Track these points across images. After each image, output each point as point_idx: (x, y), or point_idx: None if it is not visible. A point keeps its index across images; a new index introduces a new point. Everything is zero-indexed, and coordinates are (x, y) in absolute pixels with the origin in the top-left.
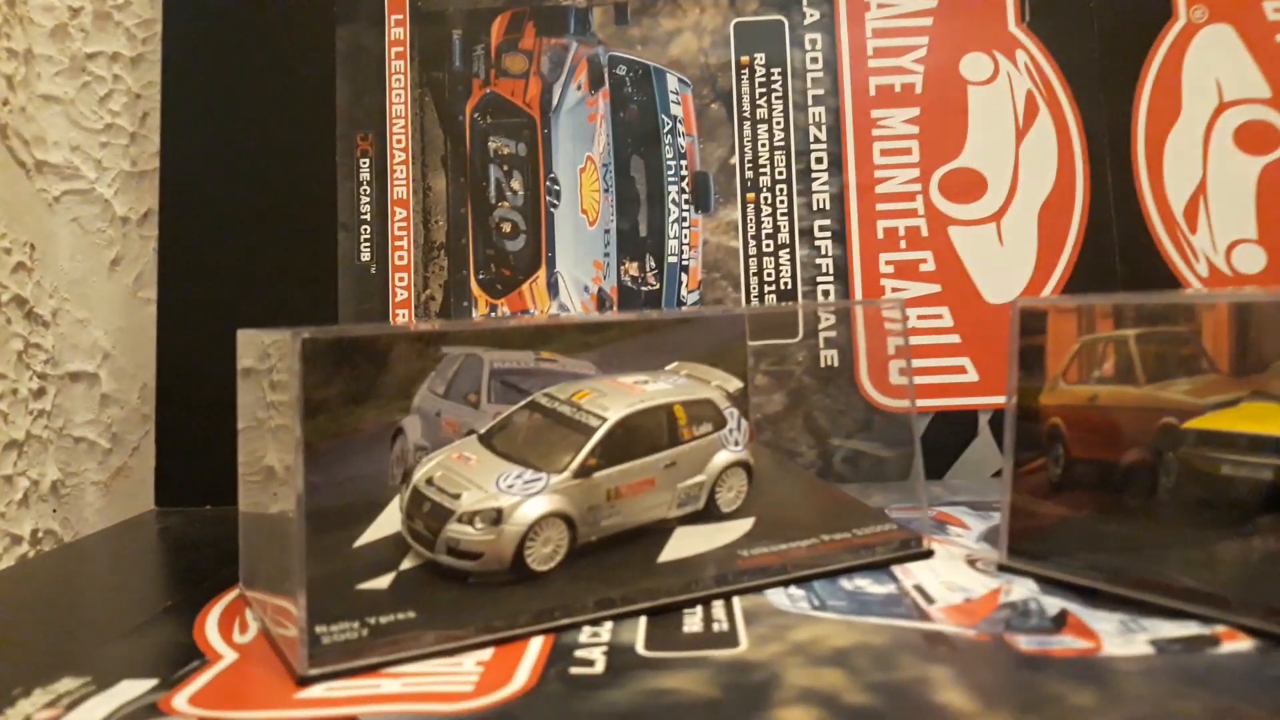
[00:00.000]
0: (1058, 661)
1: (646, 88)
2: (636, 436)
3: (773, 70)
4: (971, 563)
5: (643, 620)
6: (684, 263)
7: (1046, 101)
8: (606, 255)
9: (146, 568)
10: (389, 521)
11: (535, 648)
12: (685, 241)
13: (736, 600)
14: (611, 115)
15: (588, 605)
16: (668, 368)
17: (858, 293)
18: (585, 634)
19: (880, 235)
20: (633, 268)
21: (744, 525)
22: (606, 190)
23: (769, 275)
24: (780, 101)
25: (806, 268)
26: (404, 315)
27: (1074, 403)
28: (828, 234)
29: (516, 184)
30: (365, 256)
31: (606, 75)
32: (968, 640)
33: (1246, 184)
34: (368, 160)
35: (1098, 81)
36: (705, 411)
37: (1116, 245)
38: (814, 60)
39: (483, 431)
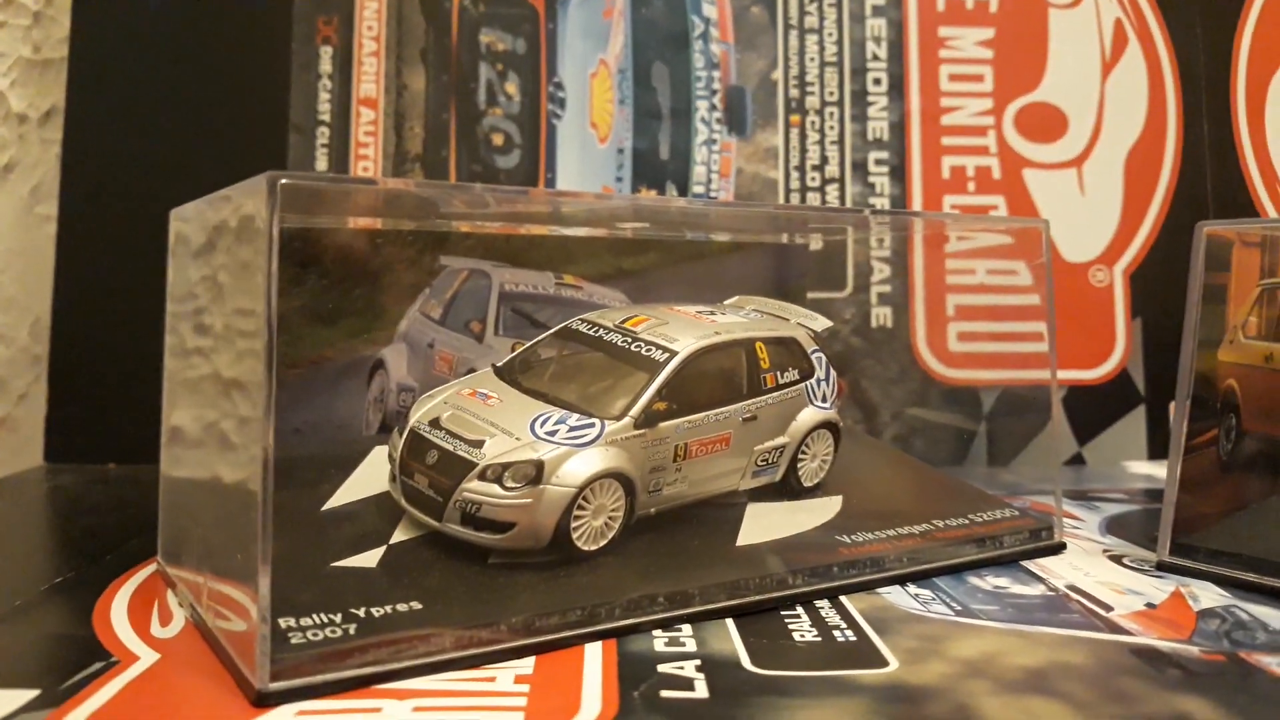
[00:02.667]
0: None
1: None
2: (712, 379)
3: None
4: (1116, 559)
5: (729, 624)
6: (712, 193)
7: (1137, 32)
8: (619, 180)
9: (30, 535)
10: (366, 480)
11: (593, 658)
12: (715, 169)
13: (846, 601)
14: (632, 11)
15: (659, 600)
16: (727, 302)
17: (917, 240)
18: (660, 640)
19: (946, 174)
20: (650, 196)
21: (831, 505)
22: (622, 101)
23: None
24: (834, 9)
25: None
26: None
27: (1250, 363)
28: (884, 169)
29: (512, 87)
30: (321, 165)
31: None
32: (1200, 660)
33: None
34: (330, 49)
35: (1196, 11)
36: (791, 355)
37: (1210, 202)
38: None
39: (500, 364)
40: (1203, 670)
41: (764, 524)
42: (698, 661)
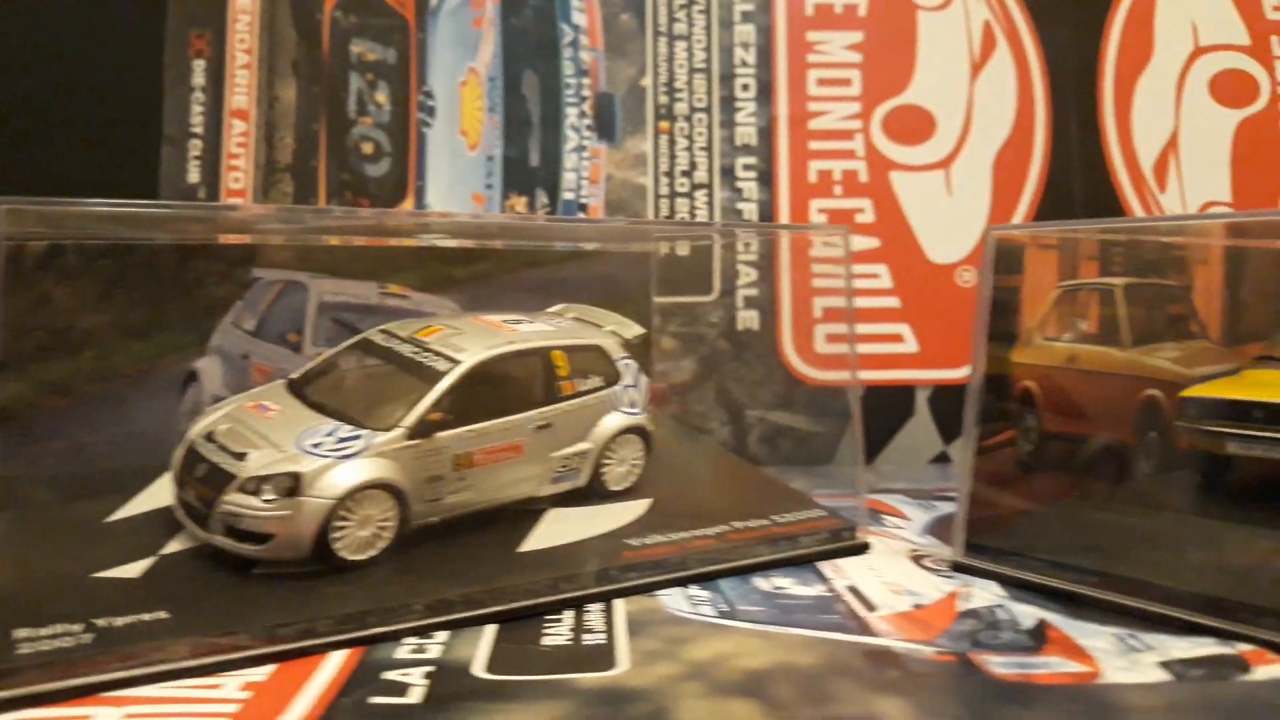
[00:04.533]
0: (1047, 691)
1: None
2: (500, 388)
3: None
4: (917, 559)
5: (490, 630)
6: (582, 200)
7: (1006, 33)
8: (489, 187)
9: None
10: (161, 492)
11: (334, 665)
12: (585, 175)
13: (620, 604)
14: (502, 20)
15: (415, 608)
16: (551, 309)
17: (783, 245)
18: (407, 648)
19: (813, 178)
20: (520, 203)
21: (637, 508)
22: (492, 109)
23: (682, 219)
24: (703, 16)
25: (726, 213)
26: None
27: (1050, 364)
28: (752, 174)
29: (382, 97)
30: (193, 178)
31: None
32: (925, 661)
33: (1222, 139)
34: (203, 62)
35: (1064, 12)
36: (594, 362)
37: (1079, 203)
38: None
39: (294, 376)
40: (923, 671)
41: (558, 529)
42: (430, 668)
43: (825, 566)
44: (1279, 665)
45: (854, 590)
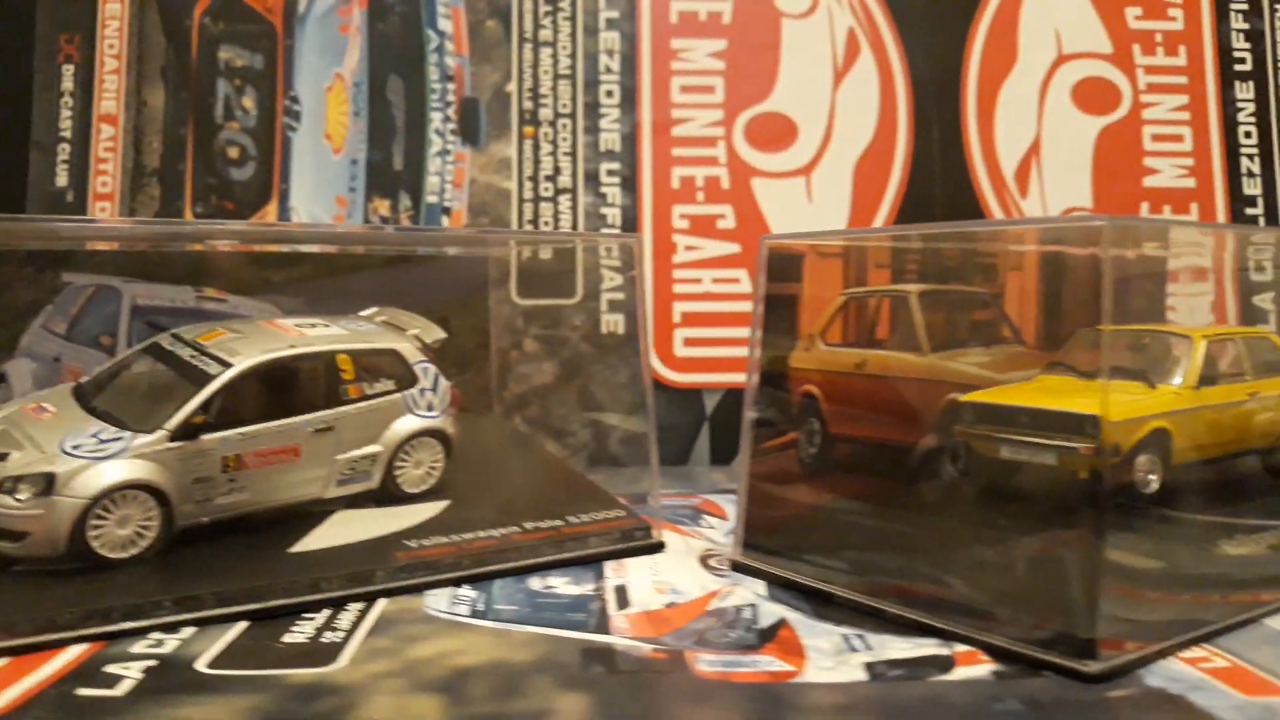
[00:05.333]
0: (737, 689)
1: None
2: (277, 391)
3: None
4: (705, 559)
5: (240, 627)
6: (445, 204)
7: (870, 40)
8: (352, 190)
9: None
10: None
11: (64, 659)
12: (448, 179)
13: (382, 604)
14: (368, 27)
15: (164, 605)
16: (365, 312)
17: (647, 250)
18: (146, 643)
19: (676, 185)
20: (383, 206)
21: (431, 510)
22: (356, 114)
23: (546, 223)
24: (568, 23)
25: (590, 218)
26: None
27: (836, 369)
28: (616, 179)
29: (249, 102)
30: (61, 181)
31: None
32: (638, 658)
33: (1083, 146)
34: (72, 67)
35: (928, 19)
36: (385, 365)
37: (939, 208)
38: None
39: (84, 380)
40: (628, 668)
41: (339, 531)
42: (153, 663)
43: (612, 565)
44: (983, 666)
45: (620, 589)
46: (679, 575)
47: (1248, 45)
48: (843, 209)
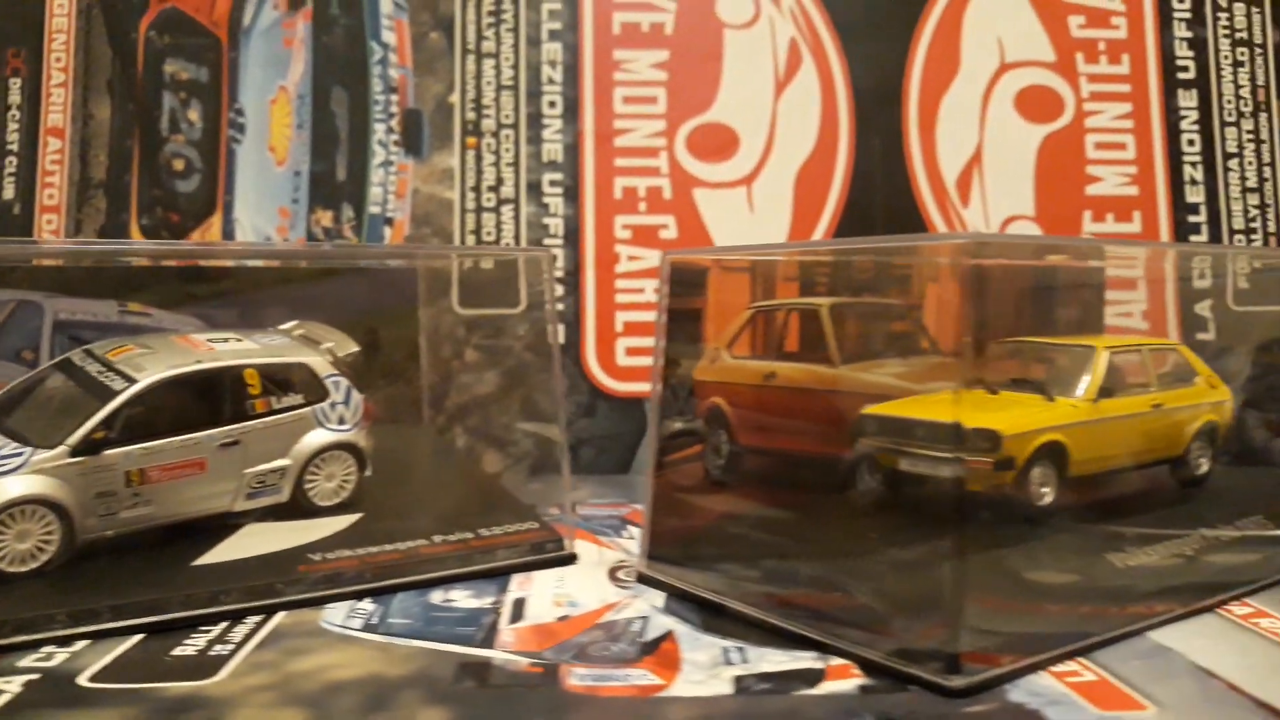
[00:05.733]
0: (600, 704)
1: (355, 9)
2: (182, 406)
3: None
4: (615, 571)
5: (135, 640)
6: (388, 215)
7: (812, 50)
8: (295, 202)
9: None
10: None
11: None
12: (391, 190)
13: (281, 616)
14: (313, 40)
15: (58, 619)
16: (285, 326)
17: (589, 260)
18: (36, 656)
19: (618, 194)
20: (326, 217)
21: (343, 523)
22: (300, 126)
23: (489, 233)
24: (511, 34)
25: (533, 227)
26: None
27: (743, 381)
28: (559, 190)
29: (194, 114)
30: (8, 194)
31: None
32: (512, 673)
33: (1026, 154)
34: (19, 80)
35: (869, 29)
36: (295, 379)
37: (880, 217)
38: None
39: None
40: (499, 683)
41: (252, 543)
42: (36, 676)
43: (520, 578)
44: (853, 680)
45: (518, 603)
46: (583, 588)
47: (1191, 53)
48: (784, 219)
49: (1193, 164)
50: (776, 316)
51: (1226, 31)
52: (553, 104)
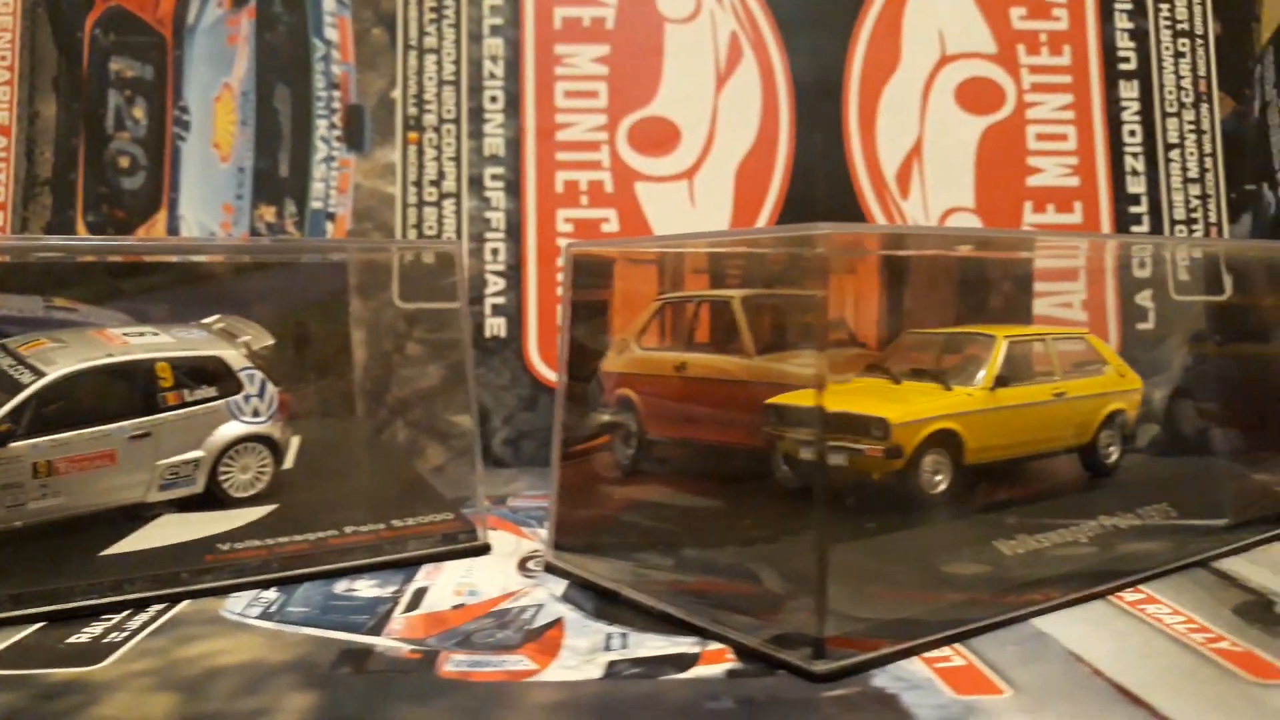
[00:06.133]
0: (467, 688)
1: (298, 7)
2: (93, 399)
3: None
4: (525, 561)
5: (35, 628)
6: (330, 210)
7: (752, 44)
8: (239, 198)
9: None
10: None
11: None
12: (333, 185)
13: (184, 605)
14: (256, 37)
15: None
16: (207, 319)
17: (530, 254)
18: None
19: (560, 189)
20: (269, 213)
21: (258, 514)
22: (244, 122)
23: (430, 228)
24: (453, 30)
25: (474, 221)
26: None
27: (653, 372)
28: (500, 184)
29: (139, 112)
30: None
31: None
32: (391, 659)
33: (966, 147)
34: None
35: (810, 23)
36: (207, 372)
37: (820, 210)
38: None
39: None
40: (376, 668)
41: (159, 533)
42: None
43: (430, 568)
44: (725, 665)
45: (420, 592)
46: (488, 578)
47: (1132, 44)
48: (725, 211)
49: (1134, 155)
50: (686, 308)
51: (1168, 23)
52: (494, 99)
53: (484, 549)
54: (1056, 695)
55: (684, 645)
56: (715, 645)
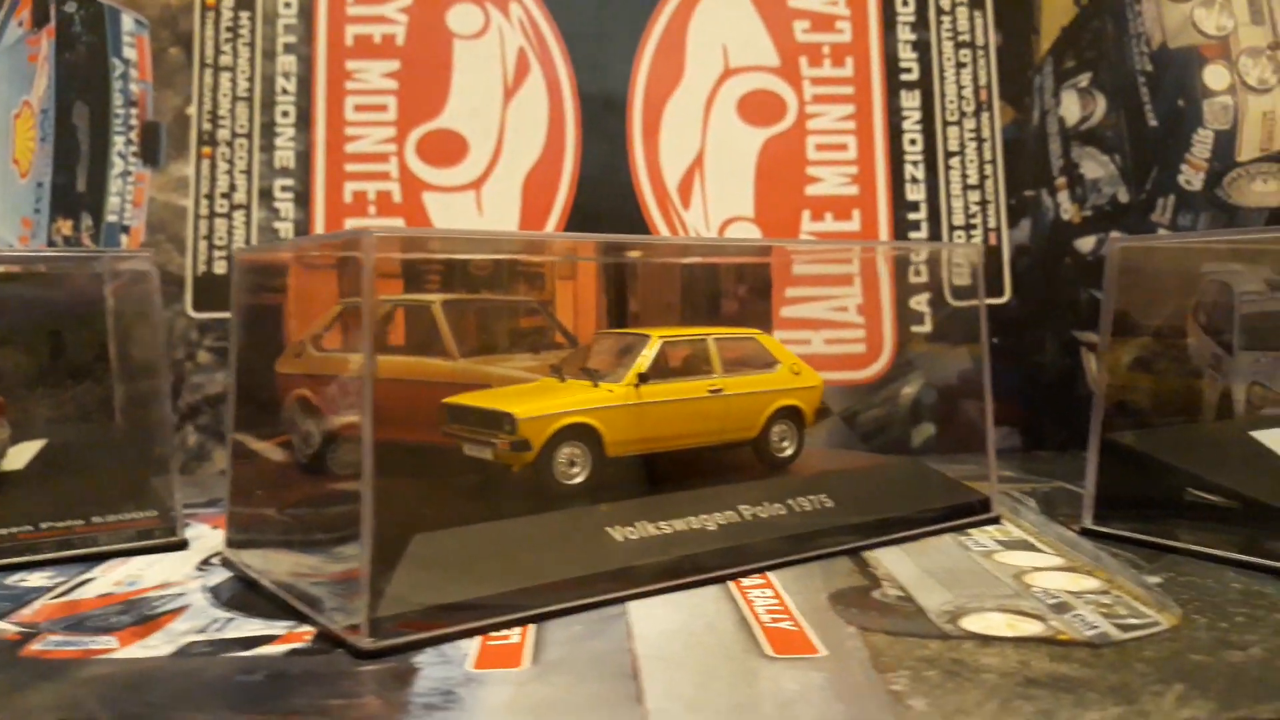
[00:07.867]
0: (26, 663)
1: (98, 27)
2: None
3: (241, 14)
4: (210, 557)
5: None
6: (125, 223)
7: (540, 59)
8: (37, 212)
9: None
10: None
11: None
12: (129, 199)
13: None
14: (56, 56)
15: None
16: None
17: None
18: None
19: (349, 199)
20: (66, 226)
21: None
22: (43, 139)
23: (220, 239)
24: (247, 48)
25: (264, 231)
26: None
27: (333, 374)
28: (290, 195)
29: None
30: None
31: (53, 11)
32: None
33: (747, 157)
34: None
35: (596, 38)
36: None
37: (605, 220)
38: (288, 5)
39: None
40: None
41: None
42: None
43: (119, 562)
44: (292, 645)
45: (83, 583)
46: (161, 571)
47: (915, 55)
48: (512, 221)
49: (914, 163)
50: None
51: (950, 34)
52: (285, 114)
53: (180, 545)
54: (566, 669)
55: (277, 628)
56: (305, 628)
